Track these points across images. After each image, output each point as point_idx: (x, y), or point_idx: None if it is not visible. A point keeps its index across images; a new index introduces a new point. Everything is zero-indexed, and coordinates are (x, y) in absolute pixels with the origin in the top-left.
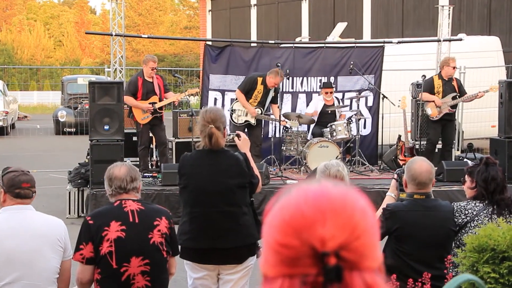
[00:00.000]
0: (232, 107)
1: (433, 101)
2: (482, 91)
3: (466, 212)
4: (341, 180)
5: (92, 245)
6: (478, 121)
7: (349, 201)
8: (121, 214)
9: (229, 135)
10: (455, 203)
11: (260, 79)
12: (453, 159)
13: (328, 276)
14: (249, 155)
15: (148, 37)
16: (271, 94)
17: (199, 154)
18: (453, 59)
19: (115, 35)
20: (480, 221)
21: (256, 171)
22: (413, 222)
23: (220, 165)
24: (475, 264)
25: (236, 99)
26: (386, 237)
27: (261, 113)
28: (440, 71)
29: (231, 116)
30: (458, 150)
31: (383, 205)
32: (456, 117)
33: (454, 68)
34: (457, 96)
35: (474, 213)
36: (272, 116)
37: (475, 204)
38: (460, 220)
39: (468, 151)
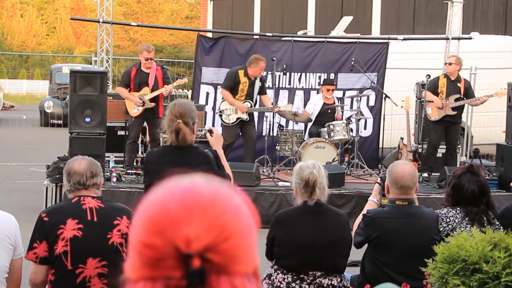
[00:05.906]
0: (219, 108)
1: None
2: (487, 95)
3: (448, 220)
4: (313, 183)
5: (47, 244)
6: (488, 126)
7: (220, 199)
8: (78, 212)
9: (201, 130)
10: (438, 211)
11: (241, 72)
12: (457, 165)
13: (191, 279)
14: (220, 152)
15: (137, 25)
16: (257, 85)
17: (165, 151)
18: (450, 56)
19: (102, 22)
20: (462, 230)
21: (228, 169)
22: (393, 230)
23: (187, 163)
24: (445, 276)
25: (223, 99)
26: (366, 245)
27: (251, 106)
28: None
29: (221, 118)
30: (465, 155)
31: (364, 210)
32: (464, 120)
33: (446, 64)
34: (461, 98)
35: (456, 221)
36: (263, 108)
37: (455, 211)
38: (442, 229)
39: (473, 157)
